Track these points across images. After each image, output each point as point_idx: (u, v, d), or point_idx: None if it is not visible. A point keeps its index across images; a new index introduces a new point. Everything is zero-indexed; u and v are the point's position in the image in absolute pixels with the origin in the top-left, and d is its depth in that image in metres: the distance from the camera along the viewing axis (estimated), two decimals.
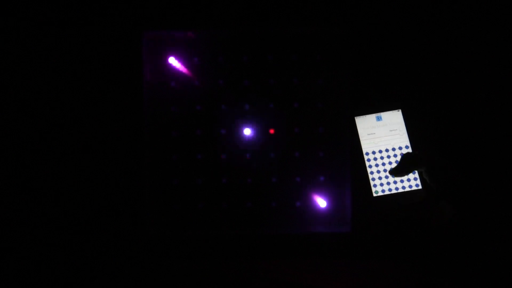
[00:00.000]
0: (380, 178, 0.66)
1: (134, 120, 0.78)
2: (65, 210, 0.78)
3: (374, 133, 0.67)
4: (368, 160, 0.67)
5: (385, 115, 0.68)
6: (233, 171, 0.78)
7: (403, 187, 0.66)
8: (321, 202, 0.77)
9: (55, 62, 0.79)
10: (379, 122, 0.68)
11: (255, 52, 0.78)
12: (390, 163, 0.66)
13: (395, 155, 0.66)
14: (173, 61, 0.77)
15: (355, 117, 0.68)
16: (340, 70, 0.77)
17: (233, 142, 0.78)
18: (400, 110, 0.67)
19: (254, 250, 0.77)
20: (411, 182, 0.66)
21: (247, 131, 0.77)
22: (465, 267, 0.68)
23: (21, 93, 0.79)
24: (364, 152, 0.67)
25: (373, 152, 0.67)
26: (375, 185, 0.66)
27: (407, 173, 0.64)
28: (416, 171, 0.65)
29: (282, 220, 0.77)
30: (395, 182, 0.66)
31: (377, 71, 0.78)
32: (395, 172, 0.64)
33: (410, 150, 0.66)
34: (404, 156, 0.64)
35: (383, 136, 0.67)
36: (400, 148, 0.67)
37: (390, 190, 0.66)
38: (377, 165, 0.67)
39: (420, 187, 0.65)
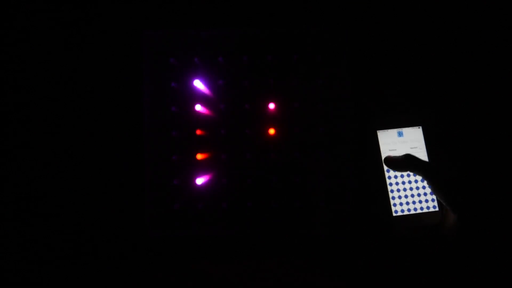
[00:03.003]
0: (400, 197, 0.65)
1: (134, 120, 0.78)
2: (65, 210, 0.78)
3: (396, 150, 0.67)
4: (389, 177, 0.66)
5: (406, 131, 0.67)
6: (233, 171, 0.78)
7: (421, 208, 0.65)
8: (320, 202, 0.77)
9: (54, 62, 0.79)
10: (401, 138, 0.67)
11: (255, 52, 0.78)
12: (410, 182, 0.66)
13: (414, 174, 0.66)
14: (173, 61, 0.77)
15: (377, 131, 0.67)
16: (340, 70, 0.77)
17: (233, 142, 0.78)
18: (420, 127, 0.67)
19: (254, 250, 0.77)
20: (429, 203, 0.65)
21: (247, 131, 0.77)
22: (465, 267, 0.68)
23: (20, 93, 0.78)
24: (385, 169, 0.67)
25: None
26: (395, 204, 0.66)
27: (403, 171, 0.64)
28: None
29: (282, 220, 0.77)
30: (414, 203, 0.65)
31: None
32: (391, 163, 0.64)
33: None
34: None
35: (404, 153, 0.66)
36: None
37: (409, 210, 0.65)
38: (397, 184, 0.66)
39: (437, 209, 0.65)
